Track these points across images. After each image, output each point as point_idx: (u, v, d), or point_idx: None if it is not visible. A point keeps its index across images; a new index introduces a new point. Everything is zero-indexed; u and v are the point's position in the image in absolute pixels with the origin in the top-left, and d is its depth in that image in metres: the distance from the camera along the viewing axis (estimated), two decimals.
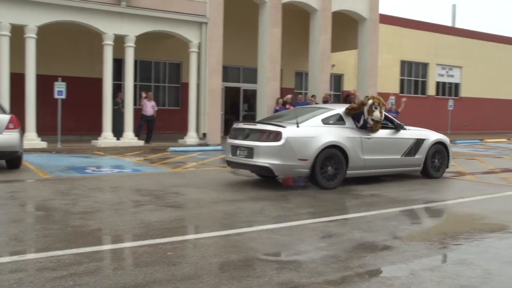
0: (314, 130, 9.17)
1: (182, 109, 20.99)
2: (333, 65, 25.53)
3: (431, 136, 10.96)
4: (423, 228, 6.40)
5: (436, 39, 32.28)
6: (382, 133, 10.01)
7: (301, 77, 26.77)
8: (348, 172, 9.42)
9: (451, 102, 27.67)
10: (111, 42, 16.73)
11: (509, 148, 21.49)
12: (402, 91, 30.93)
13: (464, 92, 34.16)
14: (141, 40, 17.76)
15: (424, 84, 32.34)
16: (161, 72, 22.81)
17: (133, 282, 4.06)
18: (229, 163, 9.93)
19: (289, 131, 8.83)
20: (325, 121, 9.50)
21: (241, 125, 9.90)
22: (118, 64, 19.24)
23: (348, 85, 28.11)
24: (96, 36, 17.35)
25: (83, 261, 4.58)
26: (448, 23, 38.44)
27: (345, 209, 7.61)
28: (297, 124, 9.03)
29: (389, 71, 29.66)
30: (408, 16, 32.23)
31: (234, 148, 9.49)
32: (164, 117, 20.55)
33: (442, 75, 33.23)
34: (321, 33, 21.07)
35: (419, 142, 10.54)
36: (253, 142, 9.04)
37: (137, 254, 4.92)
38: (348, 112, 9.85)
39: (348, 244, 5.35)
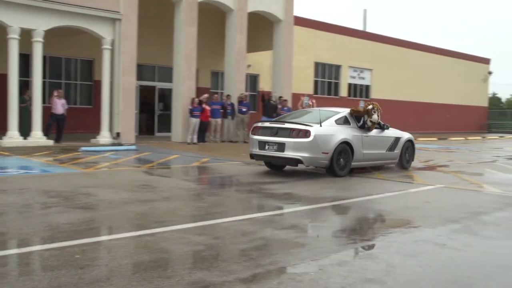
0: (332, 129, 11.16)
1: (95, 108, 20.37)
2: (249, 65, 25.73)
3: (404, 135, 13.27)
4: (333, 225, 6.59)
5: (348, 42, 33.39)
6: (375, 132, 12.17)
7: (217, 76, 26.79)
8: (352, 163, 11.39)
9: (362, 103, 28.63)
10: (16, 36, 15.91)
11: None
12: (316, 92, 31.71)
13: (374, 94, 35.54)
14: (50, 35, 17.02)
15: (337, 85, 33.34)
16: (72, 69, 22.04)
17: (37, 287, 3.89)
18: (255, 156, 11.64)
19: (315, 129, 10.73)
20: (337, 122, 11.51)
21: (267, 124, 11.73)
22: (26, 60, 18.37)
23: (263, 85, 28.45)
24: (0, 30, 16.48)
25: None
26: (359, 27, 39.86)
27: (258, 208, 7.69)
28: (320, 124, 10.92)
29: (304, 72, 30.31)
30: (322, 19, 33.08)
31: (262, 144, 11.18)
32: (75, 116, 19.88)
33: (354, 77, 34.42)
34: (237, 33, 21.21)
35: (397, 140, 12.86)
36: (283, 138, 10.82)
37: (43, 258, 4.72)
38: (352, 114, 11.96)
39: (260, 242, 5.41)
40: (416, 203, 8.22)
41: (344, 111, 12.06)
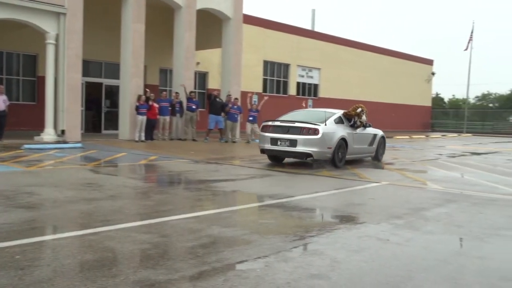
0: (333, 127, 12.96)
1: (39, 104, 19.81)
2: (198, 63, 25.62)
3: (379, 132, 15.39)
4: (279, 222, 6.64)
5: (297, 41, 33.72)
6: (359, 130, 14.04)
7: (166, 74, 26.54)
8: (346, 156, 13.25)
9: (310, 102, 29.06)
10: None
11: None
12: (265, 90, 31.88)
13: (322, 93, 36.04)
14: None
15: (286, 84, 33.61)
16: (14, 64, 21.36)
17: None
18: (265, 151, 13.16)
19: (322, 128, 12.46)
20: (336, 121, 13.31)
21: (278, 123, 13.15)
22: None
23: (212, 83, 28.39)
24: None
25: None
26: (308, 26, 40.31)
27: (205, 206, 7.66)
28: (325, 123, 12.67)
29: (253, 70, 30.41)
30: (271, 18, 33.25)
31: (275, 140, 12.73)
32: (18, 113, 19.27)
33: (303, 76, 34.79)
34: (185, 30, 21.06)
35: (374, 136, 14.99)
36: (295, 135, 12.42)
37: None
38: (345, 114, 13.88)
39: (206, 239, 5.40)
40: (361, 200, 8.39)
41: (339, 112, 13.95)
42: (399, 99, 43.40)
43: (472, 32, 44.94)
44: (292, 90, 33.85)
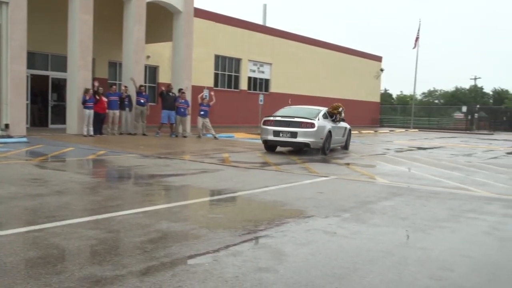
0: (323, 122, 15.57)
1: None
2: (148, 56, 25.33)
3: (348, 126, 18.31)
4: (229, 216, 6.65)
5: (248, 36, 33.76)
6: (337, 124, 16.83)
7: (115, 67, 26.09)
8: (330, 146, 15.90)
9: (261, 97, 29.16)
10: None
11: None
12: (216, 85, 31.81)
13: (273, 88, 36.23)
14: None
15: (237, 78, 33.63)
16: None
17: None
18: (268, 141, 15.57)
19: (317, 122, 15.03)
20: (324, 117, 15.95)
21: (279, 118, 15.44)
22: None
23: (163, 77, 28.12)
24: None
25: None
26: (259, 21, 40.41)
27: (155, 201, 7.60)
28: (318, 118, 15.32)
29: (204, 65, 30.28)
30: (222, 12, 33.18)
31: (277, 132, 15.09)
32: None
33: (254, 71, 34.88)
34: (135, 23, 20.76)
35: (345, 129, 17.93)
36: (295, 128, 14.89)
37: None
38: (329, 111, 16.79)
39: (155, 234, 5.36)
40: (310, 194, 8.49)
41: (324, 109, 16.62)
42: (349, 94, 44.12)
43: (419, 31, 46.13)
44: (244, 85, 33.90)
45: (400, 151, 18.63)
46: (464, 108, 51.10)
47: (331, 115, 16.69)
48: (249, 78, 34.45)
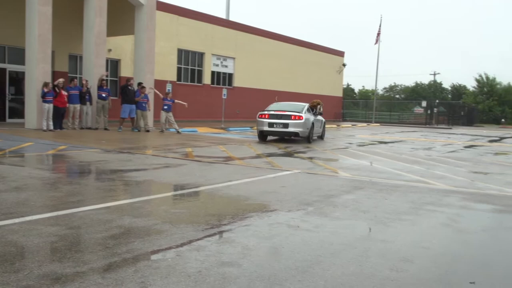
0: (307, 115, 18.66)
1: None
2: (109, 50, 24.95)
3: (323, 119, 21.63)
4: (192, 211, 6.62)
5: (212, 30, 33.58)
6: (317, 117, 20.16)
7: (76, 60, 25.60)
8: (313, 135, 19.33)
9: (224, 91, 29.09)
10: None
11: None
12: (179, 79, 31.56)
13: (236, 82, 36.17)
14: None
15: (200, 73, 33.43)
16: None
17: None
18: (264, 131, 18.58)
19: (304, 115, 18.19)
20: (307, 110, 19.06)
21: (272, 112, 18.55)
22: None
23: (125, 71, 27.76)
24: None
25: None
26: (223, 15, 40.26)
27: (117, 196, 7.50)
28: (304, 112, 18.46)
29: (167, 58, 30.01)
30: (185, 6, 32.90)
31: (271, 124, 18.22)
32: None
33: (217, 65, 34.73)
34: (96, 15, 20.39)
35: (322, 121, 21.28)
36: (287, 120, 18.04)
37: None
38: (311, 106, 20.32)
39: (117, 230, 5.30)
40: (273, 187, 8.53)
41: (306, 104, 19.75)
42: (312, 89, 44.43)
43: (380, 26, 46.74)
44: (207, 79, 33.73)
45: (362, 145, 18.88)
46: (424, 103, 52.10)
47: (312, 109, 19.99)
48: (213, 72, 34.31)
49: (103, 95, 20.51)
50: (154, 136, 19.29)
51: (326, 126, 22.56)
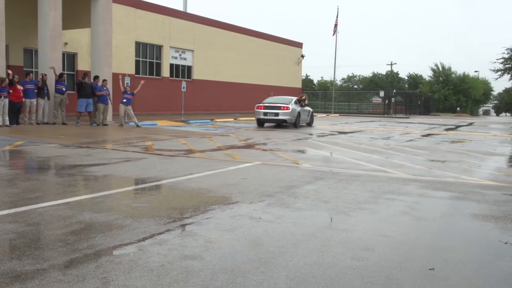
0: (294, 106, 23.52)
1: None
2: (65, 43, 24.44)
3: (310, 109, 26.34)
4: (153, 205, 6.59)
5: (169, 22, 33.25)
6: (304, 108, 24.91)
7: (31, 54, 24.99)
8: (300, 122, 24.20)
9: (184, 84, 28.87)
10: None
11: (235, 127, 23.45)
12: (138, 72, 31.19)
13: (196, 75, 35.97)
14: None
15: (159, 66, 33.09)
16: None
17: None
18: (260, 119, 23.76)
19: (291, 106, 23.12)
20: (294, 103, 23.74)
21: (267, 104, 23.55)
22: None
23: (82, 65, 27.27)
24: None
25: None
26: (180, 7, 39.90)
27: (77, 191, 7.40)
28: (291, 104, 23.26)
29: (124, 51, 29.61)
30: None
31: (265, 113, 23.26)
32: None
33: (176, 58, 34.44)
34: (50, 8, 19.92)
35: (309, 111, 25.88)
36: (277, 110, 22.98)
37: None
38: (298, 99, 24.79)
39: (77, 226, 5.23)
40: (235, 180, 8.56)
41: (294, 98, 24.64)
42: (271, 80, 44.57)
43: (337, 17, 47.21)
44: (166, 72, 33.43)
45: (322, 136, 19.10)
46: (382, 93, 52.98)
47: (299, 102, 24.69)
48: (171, 65, 33.99)
49: (63, 89, 20.11)
50: (113, 130, 19.05)
51: None
